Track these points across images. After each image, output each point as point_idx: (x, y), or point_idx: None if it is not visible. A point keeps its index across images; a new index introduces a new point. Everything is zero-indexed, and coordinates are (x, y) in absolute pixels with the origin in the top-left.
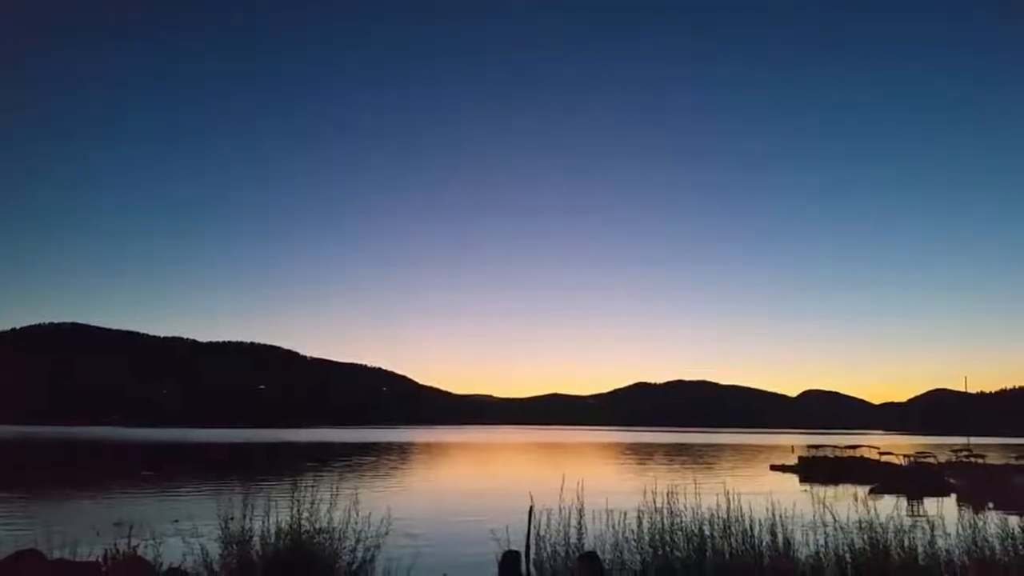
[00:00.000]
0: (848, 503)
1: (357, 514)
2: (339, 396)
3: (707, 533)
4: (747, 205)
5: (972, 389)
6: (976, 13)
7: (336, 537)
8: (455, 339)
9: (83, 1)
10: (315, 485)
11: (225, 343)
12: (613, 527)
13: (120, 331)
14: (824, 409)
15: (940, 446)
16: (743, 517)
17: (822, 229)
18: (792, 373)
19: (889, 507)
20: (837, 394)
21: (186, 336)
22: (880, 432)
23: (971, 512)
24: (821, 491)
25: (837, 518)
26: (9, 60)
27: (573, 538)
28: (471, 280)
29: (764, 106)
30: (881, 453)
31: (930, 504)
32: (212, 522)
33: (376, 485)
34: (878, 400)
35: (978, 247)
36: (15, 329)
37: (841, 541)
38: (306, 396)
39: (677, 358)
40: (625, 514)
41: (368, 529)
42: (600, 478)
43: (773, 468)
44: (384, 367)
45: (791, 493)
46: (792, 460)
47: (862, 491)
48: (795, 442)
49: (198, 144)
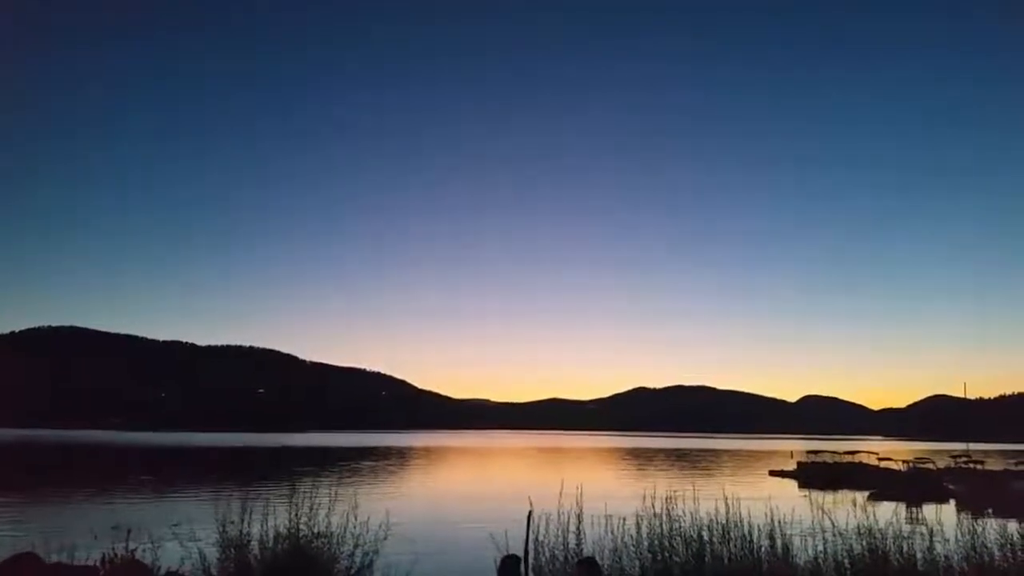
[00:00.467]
0: (847, 509)
1: (356, 518)
2: (338, 400)
3: (706, 538)
4: (747, 207)
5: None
6: (976, 13)
7: (334, 541)
8: (454, 343)
9: (83, 1)
10: (313, 489)
11: (224, 347)
12: (612, 532)
13: (119, 334)
14: (823, 415)
15: (939, 452)
16: (742, 522)
17: (822, 233)
18: (791, 378)
19: (888, 513)
20: (836, 400)
21: (185, 340)
22: (879, 438)
23: (970, 518)
24: (820, 497)
25: (836, 524)
26: (9, 60)
27: (572, 543)
28: (470, 283)
29: (764, 106)
30: (880, 459)
31: (929, 510)
32: (210, 526)
33: (374, 489)
34: (877, 406)
35: (978, 252)
36: (14, 332)
37: (840, 547)
38: (305, 400)
39: (676, 363)
40: (624, 519)
41: (367, 534)
42: (599, 483)
43: (772, 473)
44: (383, 371)
45: (790, 499)
46: (791, 466)
47: (861, 497)
48: (794, 447)
49: (198, 144)
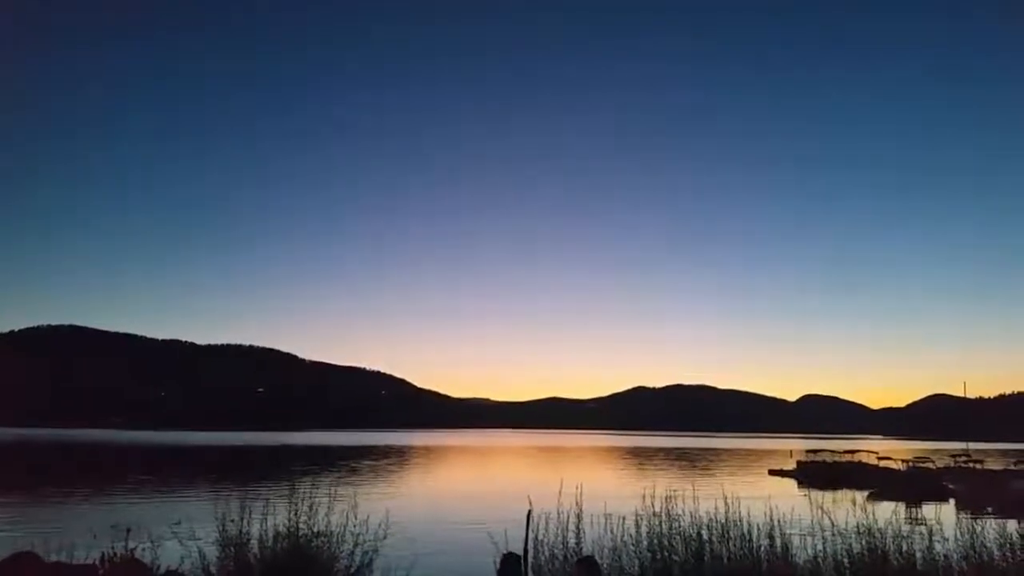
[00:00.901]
0: (846, 508)
1: (355, 518)
2: (338, 399)
3: (705, 537)
4: (747, 207)
5: (971, 394)
6: (976, 13)
7: (334, 540)
8: (454, 342)
9: (83, 1)
10: (313, 488)
11: (224, 346)
12: (611, 531)
13: (119, 334)
14: (823, 414)
15: (939, 451)
16: (741, 522)
17: (822, 233)
18: (791, 378)
19: (887, 512)
20: (836, 399)
21: (185, 339)
22: (879, 437)
23: (969, 517)
24: (819, 496)
25: (835, 523)
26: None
27: (571, 542)
28: (470, 283)
29: (764, 106)
30: (880, 458)
31: (928, 509)
32: (210, 525)
33: (374, 489)
34: (877, 405)
35: (978, 252)
36: (13, 332)
37: (839, 546)
38: (305, 399)
39: (676, 362)
40: (623, 518)
41: (366, 533)
42: (598, 482)
43: (771, 473)
44: (383, 370)
45: (789, 498)
46: (790, 465)
47: (860, 496)
48: (794, 447)
49: (198, 144)
